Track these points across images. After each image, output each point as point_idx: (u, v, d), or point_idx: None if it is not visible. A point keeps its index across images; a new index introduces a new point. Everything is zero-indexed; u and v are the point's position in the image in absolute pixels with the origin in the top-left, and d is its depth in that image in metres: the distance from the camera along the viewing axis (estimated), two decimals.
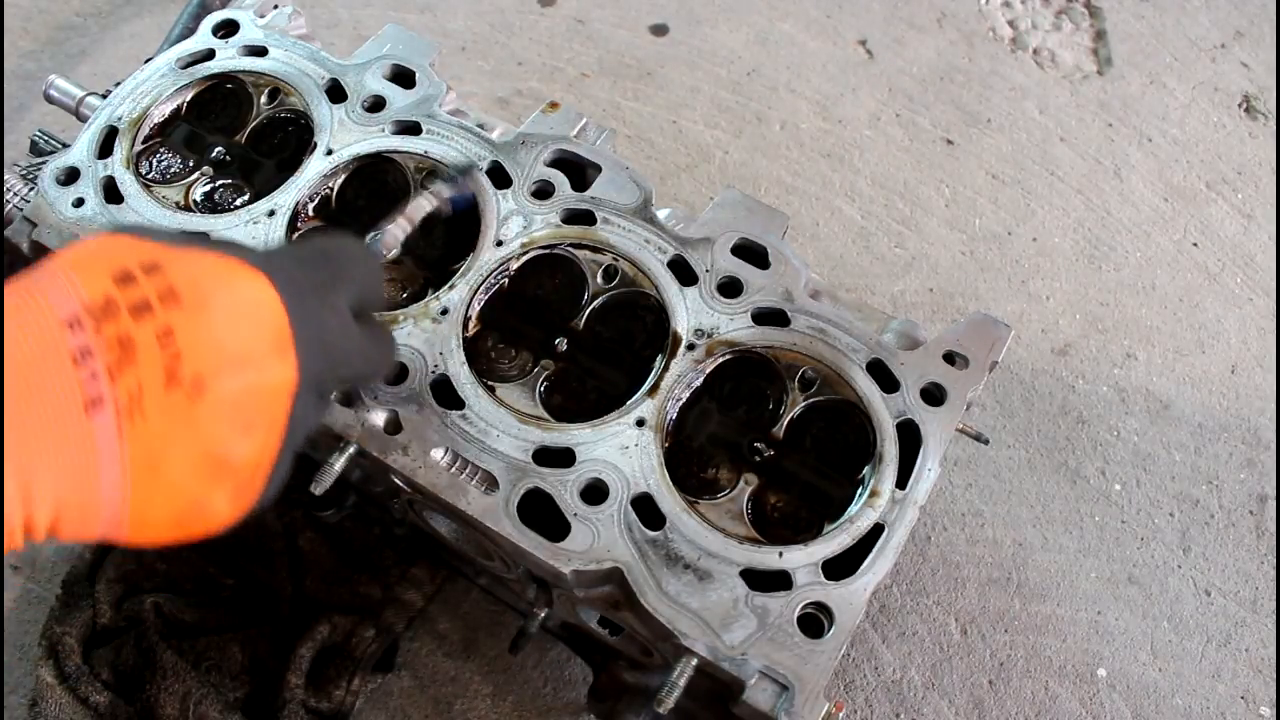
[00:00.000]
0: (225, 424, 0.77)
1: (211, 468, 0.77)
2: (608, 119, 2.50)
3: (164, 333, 0.73)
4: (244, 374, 0.78)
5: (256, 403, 0.79)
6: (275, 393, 0.81)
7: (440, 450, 1.23)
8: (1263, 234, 2.43)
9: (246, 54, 1.55)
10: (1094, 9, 2.85)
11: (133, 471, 0.72)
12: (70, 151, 1.46)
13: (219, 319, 0.76)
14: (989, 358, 1.31)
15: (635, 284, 1.36)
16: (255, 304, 0.81)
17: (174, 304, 0.74)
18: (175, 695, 1.54)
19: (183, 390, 0.73)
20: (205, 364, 0.74)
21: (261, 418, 0.80)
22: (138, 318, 0.72)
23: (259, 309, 0.81)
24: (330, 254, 1.00)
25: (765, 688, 1.12)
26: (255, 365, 0.79)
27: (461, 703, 1.75)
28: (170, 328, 0.73)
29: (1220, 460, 2.09)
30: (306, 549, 1.76)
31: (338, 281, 0.94)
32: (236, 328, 0.78)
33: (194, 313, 0.75)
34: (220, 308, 0.77)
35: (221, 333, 0.76)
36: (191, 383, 0.74)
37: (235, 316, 0.78)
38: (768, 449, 1.28)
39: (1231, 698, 1.84)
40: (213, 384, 0.75)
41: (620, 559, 1.16)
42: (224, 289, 0.78)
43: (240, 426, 0.78)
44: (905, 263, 2.32)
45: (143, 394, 0.71)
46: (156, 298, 0.73)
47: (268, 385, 0.80)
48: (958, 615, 1.89)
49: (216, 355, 0.76)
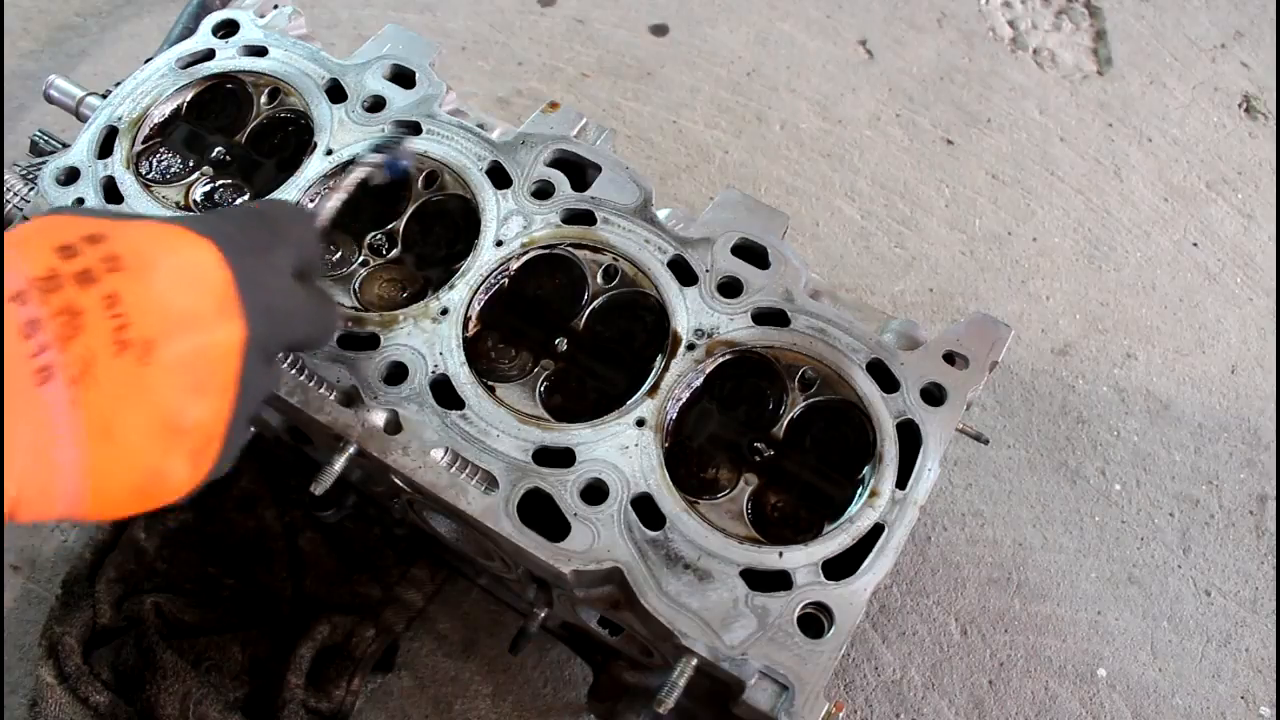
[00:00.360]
0: (177, 386, 0.77)
1: (167, 431, 0.77)
2: (608, 119, 2.50)
3: (109, 298, 0.72)
4: (192, 335, 0.78)
5: (206, 363, 0.79)
6: (224, 353, 0.81)
7: (440, 450, 1.23)
8: (1263, 234, 2.43)
9: (246, 54, 1.55)
10: (1094, 9, 2.86)
11: (89, 441, 0.71)
12: (70, 151, 1.46)
13: (163, 282, 0.77)
14: (989, 358, 1.31)
15: (635, 284, 1.36)
16: (198, 265, 0.81)
17: (117, 269, 0.74)
18: (175, 695, 1.54)
19: (132, 354, 0.73)
20: (153, 327, 0.74)
21: (213, 379, 0.80)
22: (82, 286, 0.72)
23: (202, 270, 0.81)
24: (269, 216, 1.01)
25: (765, 688, 1.12)
26: (202, 325, 0.79)
27: (461, 703, 1.75)
28: (116, 293, 0.73)
29: (1220, 460, 2.09)
30: (306, 549, 1.76)
31: (278, 243, 0.94)
32: (181, 289, 0.78)
33: (138, 277, 0.75)
34: (164, 271, 0.77)
35: (167, 295, 0.76)
36: (141, 346, 0.74)
37: (179, 279, 0.78)
38: (768, 449, 1.28)
39: (1231, 698, 1.84)
40: (162, 346, 0.75)
41: (620, 559, 1.16)
42: (166, 253, 0.79)
43: (192, 388, 0.78)
44: (905, 263, 2.32)
45: (93, 361, 0.71)
46: (101, 265, 0.73)
47: (216, 345, 0.80)
48: (958, 615, 1.89)
49: (163, 317, 0.76)
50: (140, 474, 0.77)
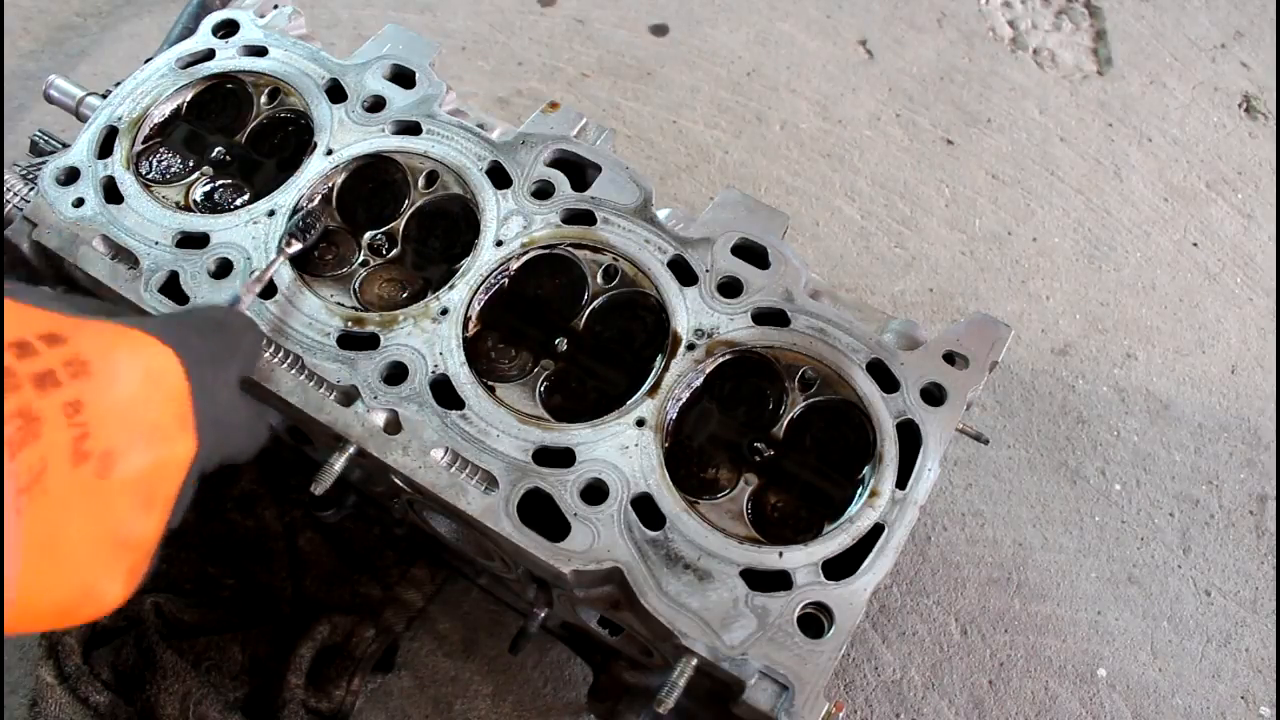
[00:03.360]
0: (131, 501, 0.73)
1: (113, 546, 0.73)
2: (608, 119, 2.50)
3: (72, 405, 0.68)
4: (153, 449, 0.74)
5: (161, 478, 0.76)
6: (177, 467, 0.78)
7: (440, 450, 1.23)
8: (1263, 234, 2.43)
9: (246, 54, 1.55)
10: (1094, 9, 2.86)
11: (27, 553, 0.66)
12: (70, 151, 1.46)
13: (131, 391, 0.73)
14: (989, 358, 1.31)
15: (635, 284, 1.36)
16: (160, 374, 0.78)
17: (82, 375, 0.70)
18: (175, 695, 1.54)
19: (91, 466, 0.69)
20: (115, 438, 0.71)
21: (161, 494, 0.77)
22: (41, 390, 0.67)
23: (164, 380, 0.78)
24: (223, 325, 0.99)
25: (765, 688, 1.12)
26: (162, 439, 0.76)
27: (461, 703, 1.75)
28: (79, 401, 0.69)
29: (1220, 460, 2.09)
30: (306, 549, 1.76)
31: (230, 354, 0.93)
32: (144, 400, 0.75)
33: (104, 385, 0.71)
34: (131, 379, 0.74)
35: (130, 405, 0.73)
36: (100, 458, 0.69)
37: (142, 388, 0.75)
38: (768, 449, 1.28)
39: (1231, 698, 1.84)
40: (122, 459, 0.71)
41: (620, 559, 1.16)
42: (134, 360, 0.75)
43: (143, 503, 0.75)
44: (905, 263, 2.32)
45: (46, 470, 0.66)
46: (64, 369, 0.69)
47: (172, 460, 0.77)
48: (958, 615, 1.89)
49: (128, 429, 0.72)
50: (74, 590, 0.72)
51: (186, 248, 1.37)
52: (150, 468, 0.74)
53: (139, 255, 1.37)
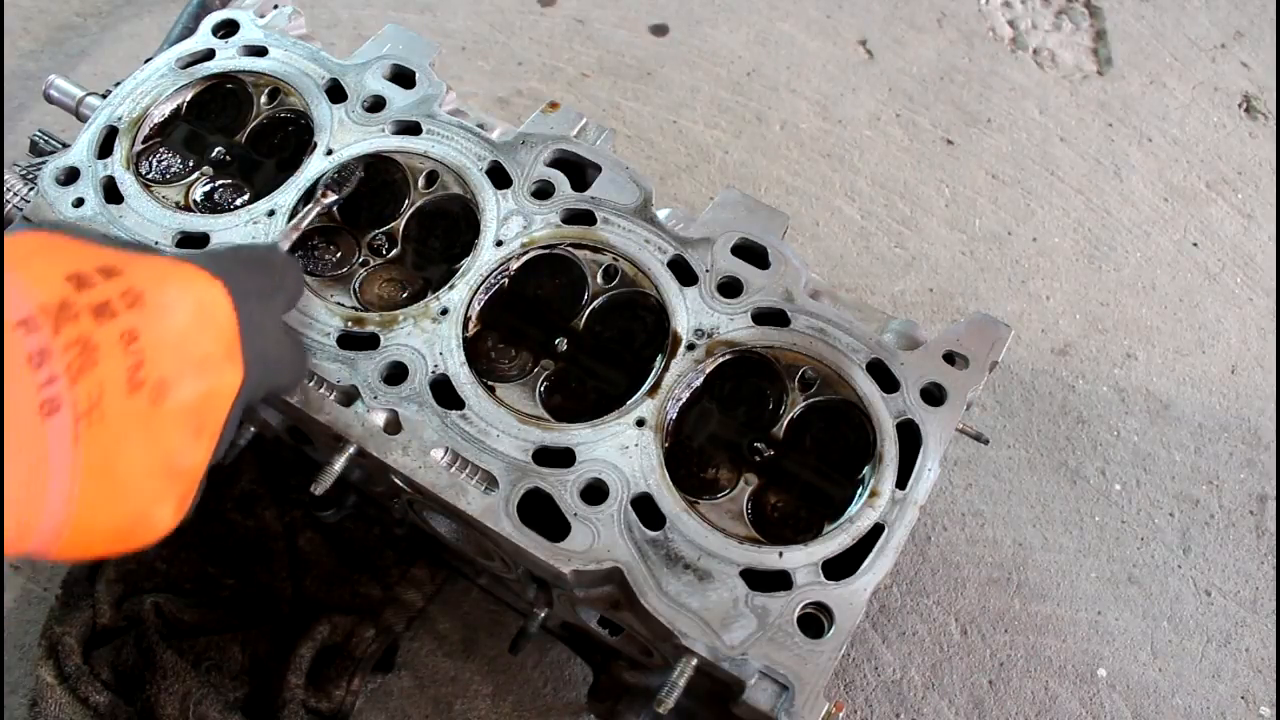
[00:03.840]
0: (183, 429, 0.75)
1: (166, 473, 0.75)
2: (608, 119, 2.50)
3: (127, 335, 0.71)
4: (204, 378, 0.77)
5: (210, 408, 0.78)
6: (225, 397, 0.81)
7: (440, 450, 1.23)
8: (1263, 234, 2.43)
9: (246, 54, 1.55)
10: (1094, 9, 2.86)
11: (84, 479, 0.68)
12: (70, 151, 1.46)
13: (183, 322, 0.75)
14: (989, 358, 1.31)
15: (635, 284, 1.36)
16: (213, 307, 0.80)
17: (137, 306, 0.72)
18: (175, 695, 1.54)
19: (146, 394, 0.71)
20: (169, 368, 0.73)
21: (211, 422, 0.79)
22: (100, 320, 0.70)
23: (216, 313, 0.80)
24: (268, 261, 1.01)
25: (765, 688, 1.12)
26: (213, 369, 0.78)
27: (461, 703, 1.75)
28: (135, 331, 0.71)
29: (1220, 460, 2.09)
30: (306, 549, 1.76)
31: (275, 290, 0.95)
32: (198, 331, 0.77)
33: (158, 316, 0.73)
34: (184, 311, 0.76)
35: (185, 336, 0.75)
36: (155, 386, 0.72)
37: (196, 320, 0.77)
38: (768, 449, 1.28)
39: (1231, 698, 1.84)
40: (175, 388, 0.74)
41: (620, 559, 1.16)
42: (183, 292, 0.78)
43: (194, 431, 0.77)
44: (905, 263, 2.32)
45: (103, 397, 0.68)
46: (120, 300, 0.71)
47: (221, 390, 0.79)
48: (958, 615, 1.89)
49: (180, 359, 0.74)
50: (128, 516, 0.75)
51: (187, 248, 1.37)
52: (201, 396, 0.77)
53: None
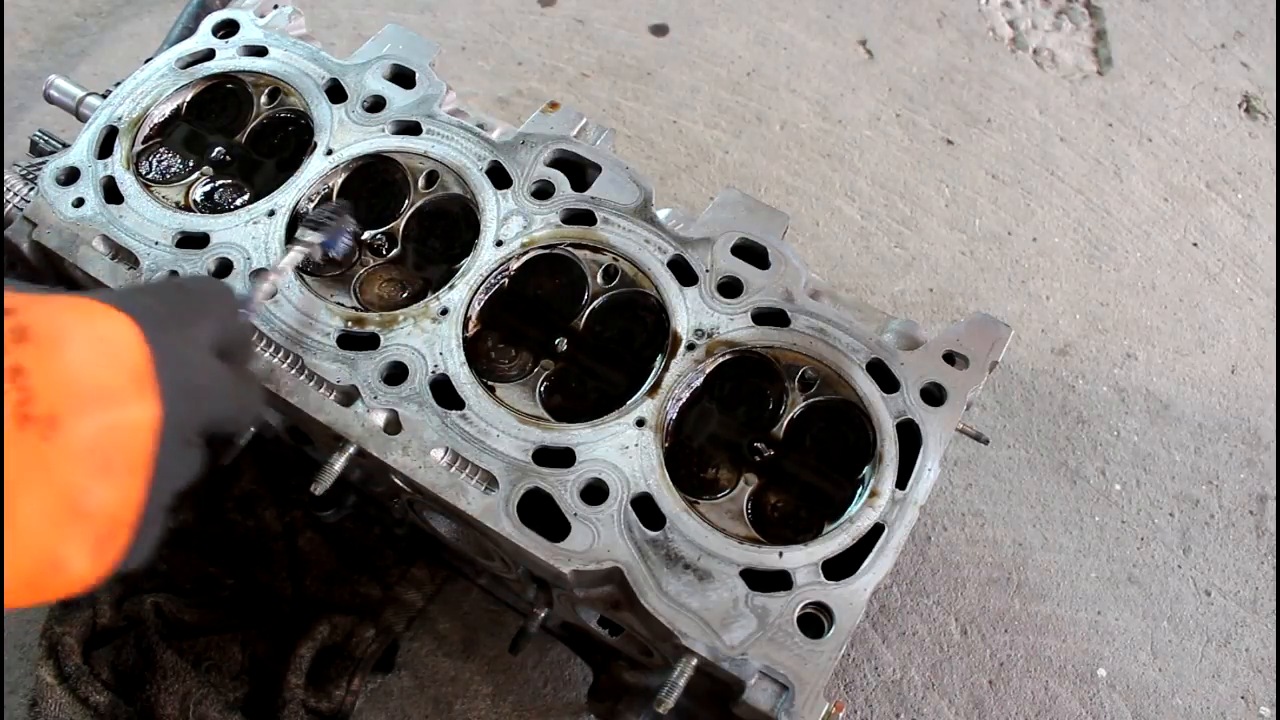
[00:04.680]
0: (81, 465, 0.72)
1: (66, 514, 0.72)
2: (608, 119, 2.50)
3: (14, 370, 0.69)
4: (101, 412, 0.73)
5: (116, 443, 0.75)
6: (136, 432, 0.76)
7: (440, 450, 1.23)
8: (1263, 234, 2.43)
9: (246, 54, 1.55)
10: (1094, 9, 2.86)
11: None
12: (70, 151, 1.46)
13: (73, 355, 0.73)
14: (989, 358, 1.31)
15: (635, 284, 1.36)
16: (113, 340, 0.77)
17: (26, 342, 0.70)
18: (175, 695, 1.54)
19: (35, 429, 0.69)
20: (59, 401, 0.70)
21: (121, 459, 0.75)
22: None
23: (117, 345, 0.77)
24: (189, 290, 0.97)
25: (765, 688, 1.12)
26: (113, 403, 0.74)
27: (461, 703, 1.75)
28: (20, 366, 0.69)
29: (1220, 460, 2.09)
30: (306, 549, 1.76)
31: (198, 318, 0.91)
32: (92, 363, 0.74)
33: (47, 350, 0.71)
34: (74, 343, 0.73)
35: (75, 368, 0.72)
36: (44, 421, 0.69)
37: (90, 352, 0.74)
38: (768, 449, 1.28)
39: (1231, 698, 1.84)
40: (67, 421, 0.71)
41: (620, 559, 1.16)
42: (78, 326, 0.75)
43: (98, 469, 0.73)
44: (905, 263, 2.32)
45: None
46: (9, 336, 0.70)
47: (127, 423, 0.76)
48: (958, 615, 1.89)
49: (70, 393, 0.71)
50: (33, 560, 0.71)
51: (186, 248, 1.37)
52: (99, 432, 0.73)
53: (139, 255, 1.37)
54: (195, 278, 1.12)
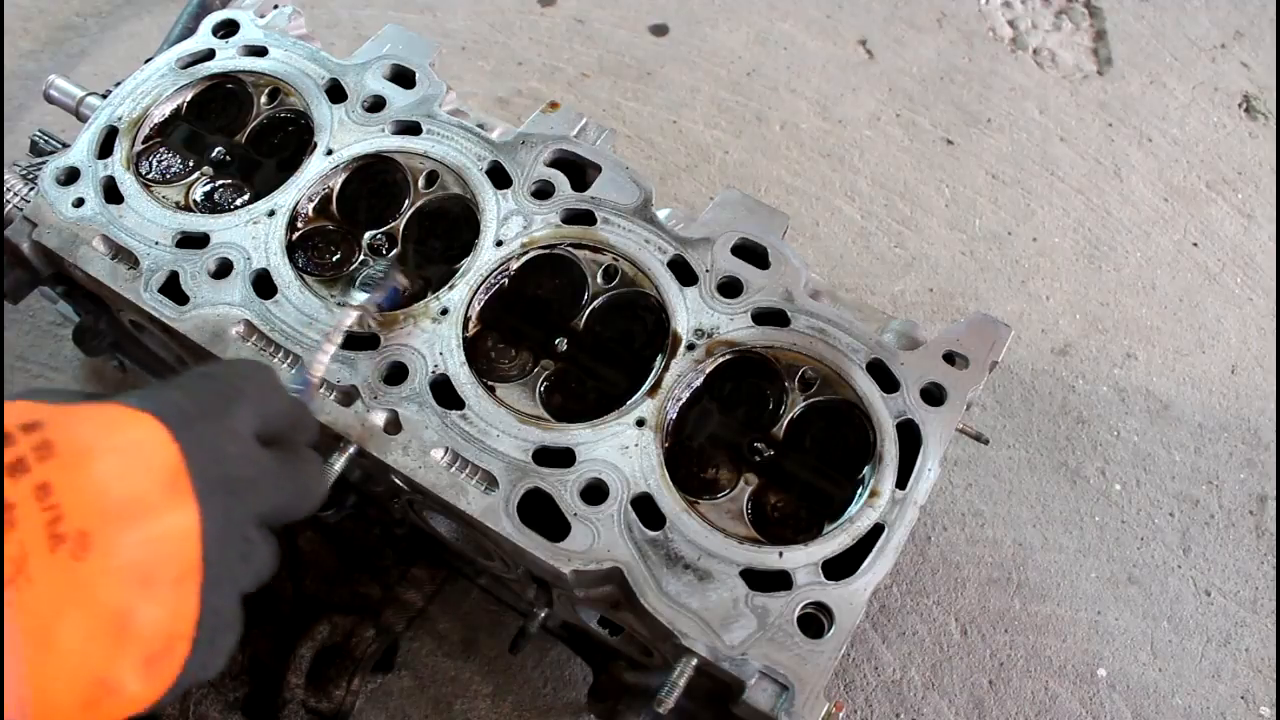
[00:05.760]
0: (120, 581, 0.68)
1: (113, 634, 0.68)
2: (608, 119, 2.50)
3: (41, 489, 0.66)
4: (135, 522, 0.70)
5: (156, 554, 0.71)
6: (178, 539, 0.72)
7: (440, 450, 1.23)
8: (1263, 234, 2.43)
9: (246, 54, 1.55)
10: (1094, 9, 2.86)
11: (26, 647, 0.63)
12: (70, 151, 1.46)
13: (99, 467, 0.70)
14: (989, 358, 1.31)
15: (635, 284, 1.36)
16: (140, 445, 0.73)
17: (49, 457, 0.68)
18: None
19: (67, 549, 0.66)
20: (89, 518, 0.67)
21: (164, 570, 0.71)
22: (13, 477, 0.66)
23: (144, 450, 0.73)
24: (218, 376, 0.91)
25: (765, 688, 1.12)
26: (147, 512, 0.71)
27: (461, 703, 1.75)
28: (48, 483, 0.66)
29: (1220, 460, 2.09)
30: (306, 549, 1.76)
31: (232, 404, 0.84)
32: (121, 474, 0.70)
33: (71, 464, 0.68)
34: (99, 455, 0.70)
35: (103, 481, 0.69)
36: (76, 539, 0.66)
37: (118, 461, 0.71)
38: (768, 449, 1.28)
39: (1231, 698, 1.84)
40: (100, 538, 0.67)
41: (620, 559, 1.16)
42: (103, 435, 0.72)
43: (139, 583, 0.70)
44: (905, 263, 2.32)
45: (26, 559, 0.64)
46: (33, 454, 0.67)
47: (166, 532, 0.72)
48: (958, 615, 1.89)
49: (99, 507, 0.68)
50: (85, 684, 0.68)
51: (186, 248, 1.37)
52: (135, 544, 0.70)
53: (139, 255, 1.37)
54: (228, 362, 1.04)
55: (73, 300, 1.61)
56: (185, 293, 1.33)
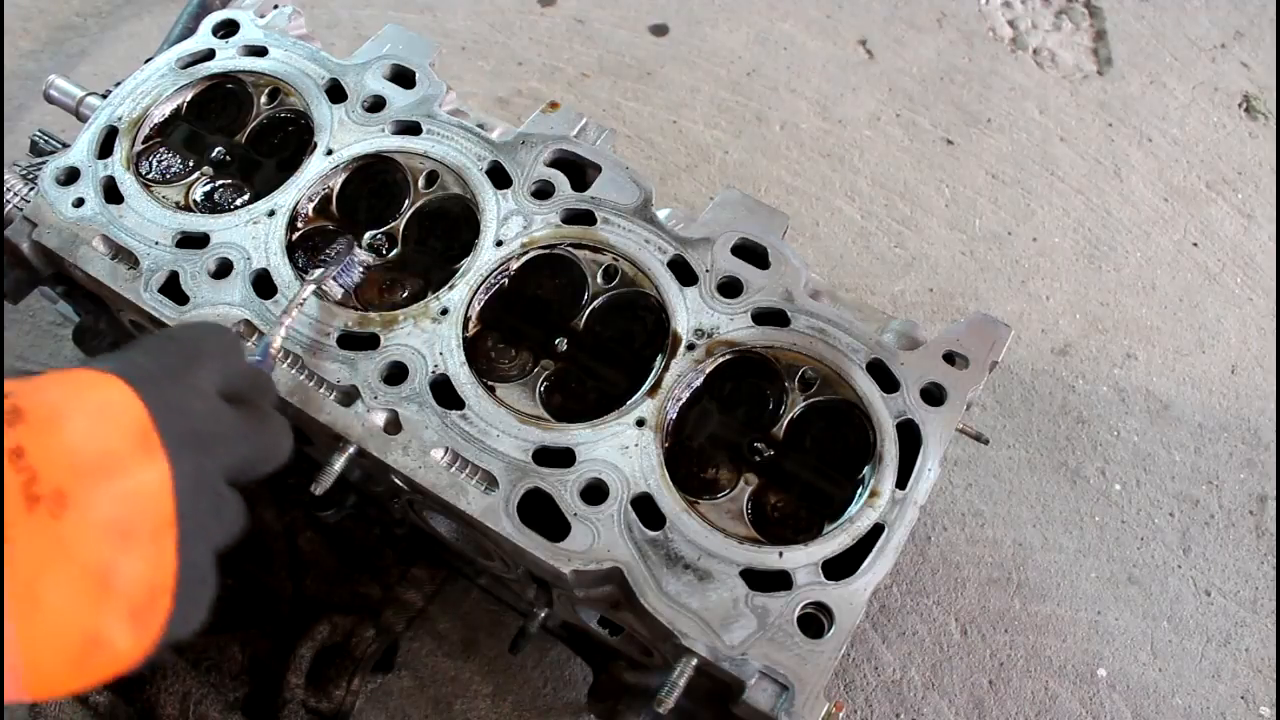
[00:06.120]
0: (100, 537, 0.70)
1: (95, 589, 0.70)
2: (608, 119, 2.50)
3: (14, 452, 0.68)
4: (108, 478, 0.71)
5: (131, 508, 0.73)
6: (152, 494, 0.74)
7: (440, 450, 1.23)
8: (1263, 234, 2.43)
9: (246, 54, 1.55)
10: (1094, 9, 2.86)
11: (12, 607, 0.65)
12: (70, 151, 1.46)
13: (70, 428, 0.71)
14: (989, 358, 1.31)
15: (635, 284, 1.36)
16: (107, 405, 0.75)
17: (20, 422, 0.69)
18: (175, 695, 1.54)
19: (44, 508, 0.67)
20: (62, 476, 0.69)
21: (141, 524, 0.73)
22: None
23: (112, 409, 0.75)
24: (179, 337, 0.94)
25: (765, 688, 1.12)
26: (119, 467, 0.73)
27: (461, 703, 1.75)
28: (20, 446, 0.68)
29: (1220, 460, 2.09)
30: (306, 549, 1.76)
31: (194, 363, 0.87)
32: (91, 433, 0.72)
33: (42, 427, 0.70)
34: (68, 416, 0.72)
35: (74, 441, 0.71)
36: (52, 498, 0.68)
37: (87, 422, 0.73)
38: (768, 449, 1.28)
39: (1231, 698, 1.84)
40: (75, 495, 0.69)
41: (620, 559, 1.16)
42: (70, 397, 0.74)
43: (118, 537, 0.71)
44: (905, 263, 2.32)
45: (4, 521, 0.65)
46: (5, 420, 0.69)
47: (138, 486, 0.74)
48: (958, 615, 1.89)
49: (72, 465, 0.70)
50: (75, 641, 0.70)
51: (186, 248, 1.37)
52: (113, 500, 0.71)
53: (139, 255, 1.37)
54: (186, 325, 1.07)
55: (73, 300, 1.61)
56: (185, 293, 1.33)
